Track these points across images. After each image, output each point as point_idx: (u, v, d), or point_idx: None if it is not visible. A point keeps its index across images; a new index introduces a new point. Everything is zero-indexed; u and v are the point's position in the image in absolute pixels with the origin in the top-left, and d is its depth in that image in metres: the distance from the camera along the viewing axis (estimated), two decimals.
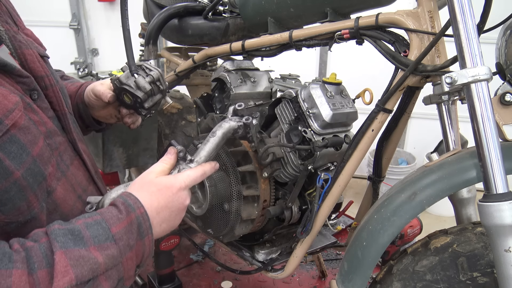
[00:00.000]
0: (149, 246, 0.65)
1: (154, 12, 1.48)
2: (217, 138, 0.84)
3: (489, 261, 0.77)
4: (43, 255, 0.53)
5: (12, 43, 0.68)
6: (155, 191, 0.69)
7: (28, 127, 0.61)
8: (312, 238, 1.07)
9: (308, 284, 1.77)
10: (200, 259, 1.94)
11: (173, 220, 0.71)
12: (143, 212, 0.64)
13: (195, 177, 0.76)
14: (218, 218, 1.12)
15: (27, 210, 0.60)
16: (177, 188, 0.71)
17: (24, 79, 0.65)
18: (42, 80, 0.71)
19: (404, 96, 0.95)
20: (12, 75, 0.63)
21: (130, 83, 0.92)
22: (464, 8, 0.69)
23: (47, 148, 0.65)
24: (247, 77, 1.30)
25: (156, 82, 0.94)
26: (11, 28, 0.70)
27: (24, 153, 0.59)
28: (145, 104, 0.94)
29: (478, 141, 0.70)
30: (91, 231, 0.58)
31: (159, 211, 0.68)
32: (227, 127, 0.87)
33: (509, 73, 0.82)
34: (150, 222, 0.65)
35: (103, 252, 0.57)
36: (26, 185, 0.59)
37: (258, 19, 1.21)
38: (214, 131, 0.85)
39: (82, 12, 3.46)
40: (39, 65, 0.71)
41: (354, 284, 0.85)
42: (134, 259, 0.63)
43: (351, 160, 0.96)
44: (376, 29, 0.92)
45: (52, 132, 0.69)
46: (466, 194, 0.96)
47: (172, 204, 0.70)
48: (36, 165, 0.61)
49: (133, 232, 0.62)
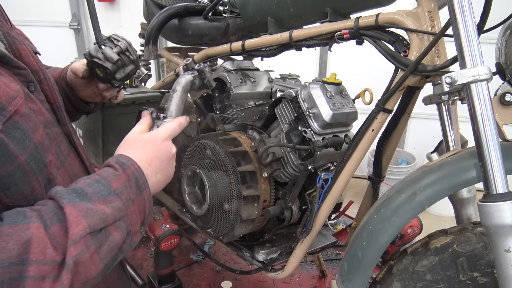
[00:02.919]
0: (149, 200, 0.67)
1: (154, 12, 1.49)
2: (179, 92, 0.92)
3: (489, 261, 0.77)
4: (52, 213, 0.54)
5: (7, 38, 0.69)
6: (141, 145, 0.72)
7: (29, 115, 0.63)
8: (312, 238, 1.07)
9: (308, 284, 1.77)
10: (200, 259, 1.94)
11: (165, 169, 0.74)
12: (137, 167, 0.66)
13: (173, 127, 0.81)
14: (218, 218, 1.12)
15: (30, 195, 0.62)
16: (161, 139, 0.75)
17: (21, 70, 0.66)
18: (37, 74, 0.73)
19: (404, 96, 0.95)
20: (10, 67, 0.64)
21: (99, 55, 0.93)
22: (464, 8, 0.69)
23: (47, 137, 0.67)
24: (247, 77, 1.30)
25: (126, 53, 0.94)
26: (4, 24, 0.71)
27: (27, 139, 0.60)
28: (116, 76, 0.94)
29: (478, 141, 0.70)
30: (93, 188, 0.60)
31: (150, 162, 0.70)
32: (184, 81, 0.94)
33: (509, 73, 0.82)
34: (146, 177, 0.67)
35: (109, 205, 0.59)
36: (29, 170, 0.60)
37: (258, 19, 1.21)
38: (174, 88, 0.93)
39: (82, 12, 3.45)
40: (33, 59, 0.73)
41: (354, 284, 0.85)
42: (138, 213, 0.64)
43: (351, 160, 0.96)
44: (376, 29, 0.92)
45: (50, 123, 0.71)
46: (466, 194, 0.96)
47: (160, 154, 0.73)
48: (37, 152, 0.63)
49: (132, 186, 0.64)
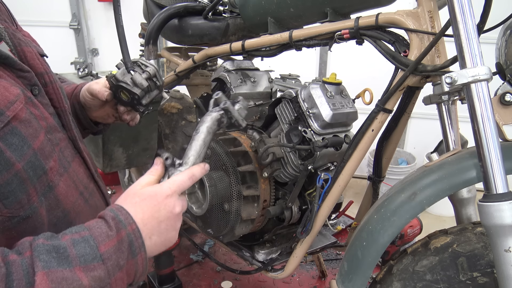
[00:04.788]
0: (142, 264, 0.62)
1: (154, 12, 1.49)
2: (202, 134, 0.79)
3: (489, 261, 0.77)
4: (24, 273, 0.49)
5: (12, 40, 0.68)
6: (139, 201, 0.64)
7: (29, 120, 0.61)
8: (312, 238, 1.07)
9: (308, 284, 1.77)
10: (200, 259, 1.94)
11: (164, 231, 0.65)
12: (135, 228, 0.60)
13: (181, 181, 0.69)
14: (218, 218, 1.12)
15: (27, 203, 0.59)
16: (163, 196, 0.66)
17: (25, 73, 0.65)
18: (42, 77, 0.71)
19: (404, 96, 0.95)
20: (13, 69, 0.63)
21: (127, 80, 0.91)
22: (464, 8, 0.69)
23: (48, 142, 0.65)
24: (247, 77, 1.30)
25: (153, 78, 0.93)
26: (10, 26, 0.70)
27: (25, 146, 0.58)
28: (142, 101, 0.93)
29: (478, 141, 0.70)
30: (78, 249, 0.54)
31: (146, 223, 0.63)
32: (209, 119, 0.82)
33: (509, 73, 0.82)
34: (143, 239, 0.61)
35: (89, 274, 0.54)
36: (27, 177, 0.58)
37: (258, 19, 1.21)
38: (198, 128, 0.80)
39: (82, 12, 3.45)
40: (38, 62, 0.71)
41: (354, 284, 0.85)
42: (125, 278, 0.59)
43: (351, 160, 0.96)
44: (376, 29, 0.92)
45: (53, 128, 0.69)
46: (466, 194, 0.96)
47: (159, 214, 0.64)
48: (36, 158, 0.61)
49: (124, 251, 0.58)
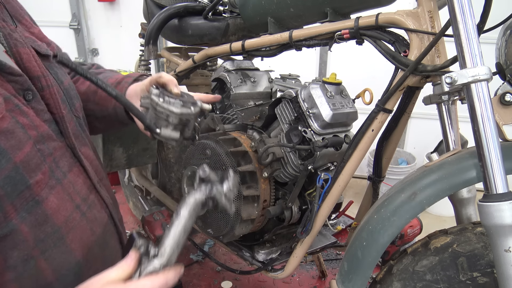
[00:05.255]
0: None
1: (154, 12, 1.49)
2: (183, 219, 0.66)
3: (489, 261, 0.77)
4: None
5: (8, 41, 0.64)
6: None
7: (13, 130, 0.56)
8: (312, 238, 1.07)
9: (308, 284, 1.77)
10: (200, 259, 1.94)
11: None
12: None
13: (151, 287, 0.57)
14: (218, 218, 1.12)
15: (4, 221, 0.55)
16: None
17: (16, 77, 0.60)
18: (38, 81, 0.67)
19: (404, 96, 0.95)
20: (2, 73, 0.59)
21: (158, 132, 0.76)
22: (464, 8, 0.69)
23: (37, 153, 0.60)
24: (247, 77, 1.30)
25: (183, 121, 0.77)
26: (8, 26, 0.66)
27: (4, 159, 0.54)
28: (185, 135, 0.81)
29: (478, 141, 0.70)
30: None
31: None
32: (192, 202, 0.69)
33: (509, 73, 0.82)
34: None
35: None
36: (3, 194, 0.54)
37: (258, 19, 1.21)
38: (178, 211, 0.68)
39: (82, 12, 3.46)
40: (35, 64, 0.67)
41: (354, 284, 0.85)
42: None
43: (351, 160, 0.96)
44: (376, 29, 0.92)
45: (45, 137, 0.64)
46: (466, 194, 0.96)
47: None
48: (18, 173, 0.56)
49: None
